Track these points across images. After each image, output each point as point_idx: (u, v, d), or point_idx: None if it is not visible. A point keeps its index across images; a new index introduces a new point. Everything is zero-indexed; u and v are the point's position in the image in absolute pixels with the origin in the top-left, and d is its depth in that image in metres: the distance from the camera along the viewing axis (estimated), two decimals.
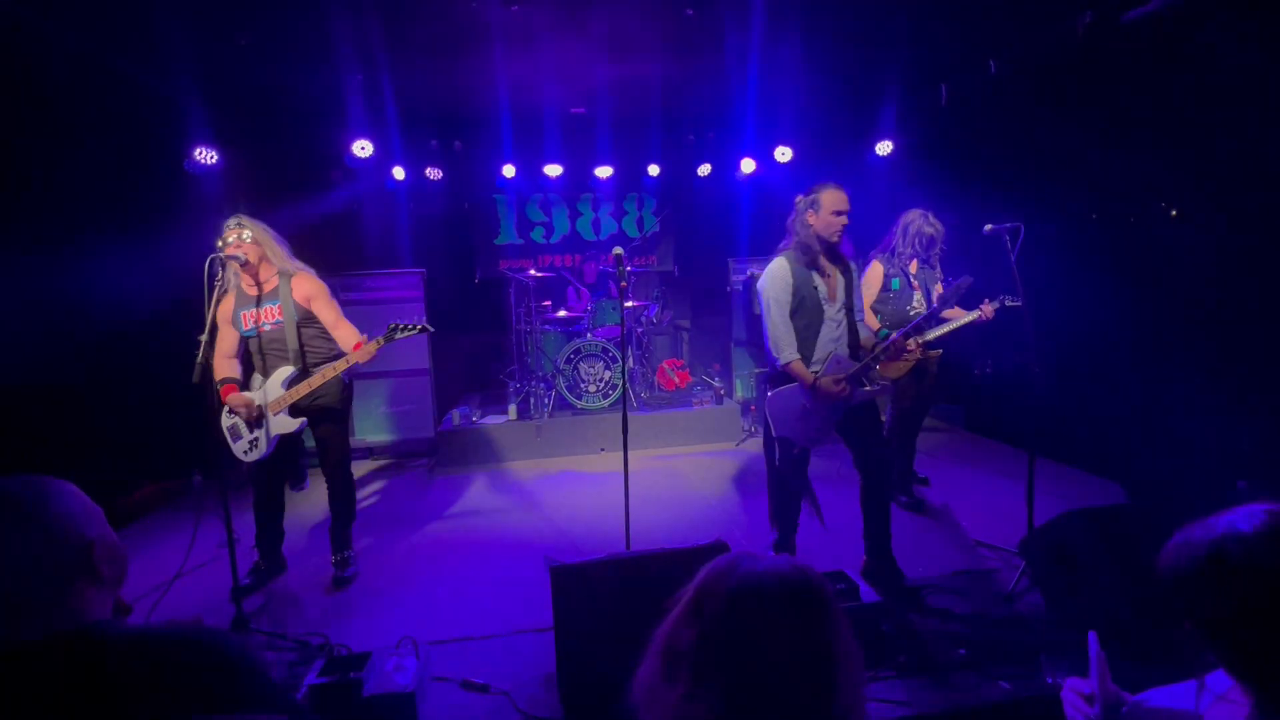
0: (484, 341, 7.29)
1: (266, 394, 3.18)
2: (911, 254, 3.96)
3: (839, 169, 6.50)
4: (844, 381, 2.91)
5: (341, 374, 3.22)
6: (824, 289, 2.96)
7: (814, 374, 2.92)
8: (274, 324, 3.20)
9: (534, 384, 5.80)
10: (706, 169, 6.90)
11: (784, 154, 6.07)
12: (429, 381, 5.83)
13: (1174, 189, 4.05)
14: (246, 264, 3.13)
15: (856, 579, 2.64)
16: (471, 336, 7.24)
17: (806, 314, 2.94)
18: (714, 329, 7.24)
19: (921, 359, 3.91)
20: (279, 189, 5.59)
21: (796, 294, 2.93)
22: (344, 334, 3.29)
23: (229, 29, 3.94)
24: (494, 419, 5.73)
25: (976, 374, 5.38)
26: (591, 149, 6.53)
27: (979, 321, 3.83)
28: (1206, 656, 0.96)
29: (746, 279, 6.10)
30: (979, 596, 2.95)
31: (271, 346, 3.22)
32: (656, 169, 6.71)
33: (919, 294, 3.95)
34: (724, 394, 6.13)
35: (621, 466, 3.22)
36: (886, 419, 4.30)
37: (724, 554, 0.92)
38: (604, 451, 5.58)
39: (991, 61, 4.62)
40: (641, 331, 6.10)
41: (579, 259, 7.30)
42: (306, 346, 3.25)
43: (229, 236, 3.12)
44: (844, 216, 2.92)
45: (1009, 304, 3.78)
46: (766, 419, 3.02)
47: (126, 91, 4.31)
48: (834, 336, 2.99)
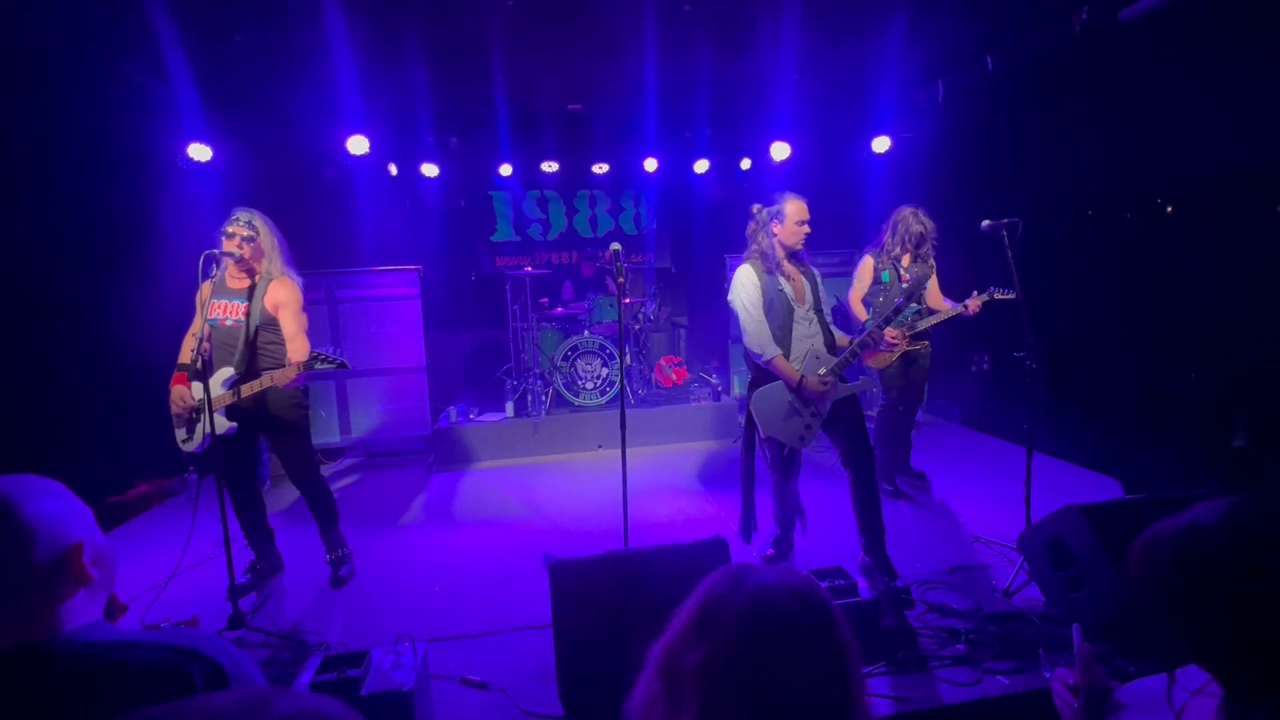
0: (481, 339, 7.28)
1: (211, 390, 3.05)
2: (901, 250, 4.05)
3: (837, 165, 6.52)
4: (828, 375, 2.98)
5: (291, 383, 3.05)
6: (791, 291, 3.06)
7: (797, 370, 3.00)
8: (235, 321, 3.13)
9: (531, 381, 5.78)
10: (704, 165, 6.89)
11: (781, 150, 6.05)
12: (425, 379, 5.82)
13: (1170, 185, 4.06)
14: (241, 260, 3.11)
15: (855, 574, 2.65)
16: (468, 334, 7.23)
17: (778, 315, 3.03)
18: (711, 326, 7.24)
19: (909, 350, 4.01)
20: (274, 185, 5.55)
21: (765, 295, 3.02)
22: (295, 348, 3.15)
23: (223, 25, 3.91)
24: (491, 416, 5.72)
25: (973, 369, 5.40)
26: (588, 145, 6.51)
27: (964, 315, 3.88)
28: (1182, 650, 0.96)
29: None
30: (976, 591, 2.96)
31: (224, 343, 3.12)
32: (654, 164, 6.68)
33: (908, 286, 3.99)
34: (721, 390, 6.12)
35: (619, 463, 3.22)
36: (877, 411, 4.37)
37: (724, 568, 0.88)
38: (601, 448, 5.58)
39: (989, 58, 4.63)
40: (639, 328, 6.09)
41: (576, 256, 7.29)
42: (260, 351, 3.15)
43: (230, 229, 3.08)
44: (806, 226, 3.07)
45: (999, 296, 3.82)
46: (752, 419, 3.08)
47: (119, 87, 4.28)
48: (808, 334, 3.09)
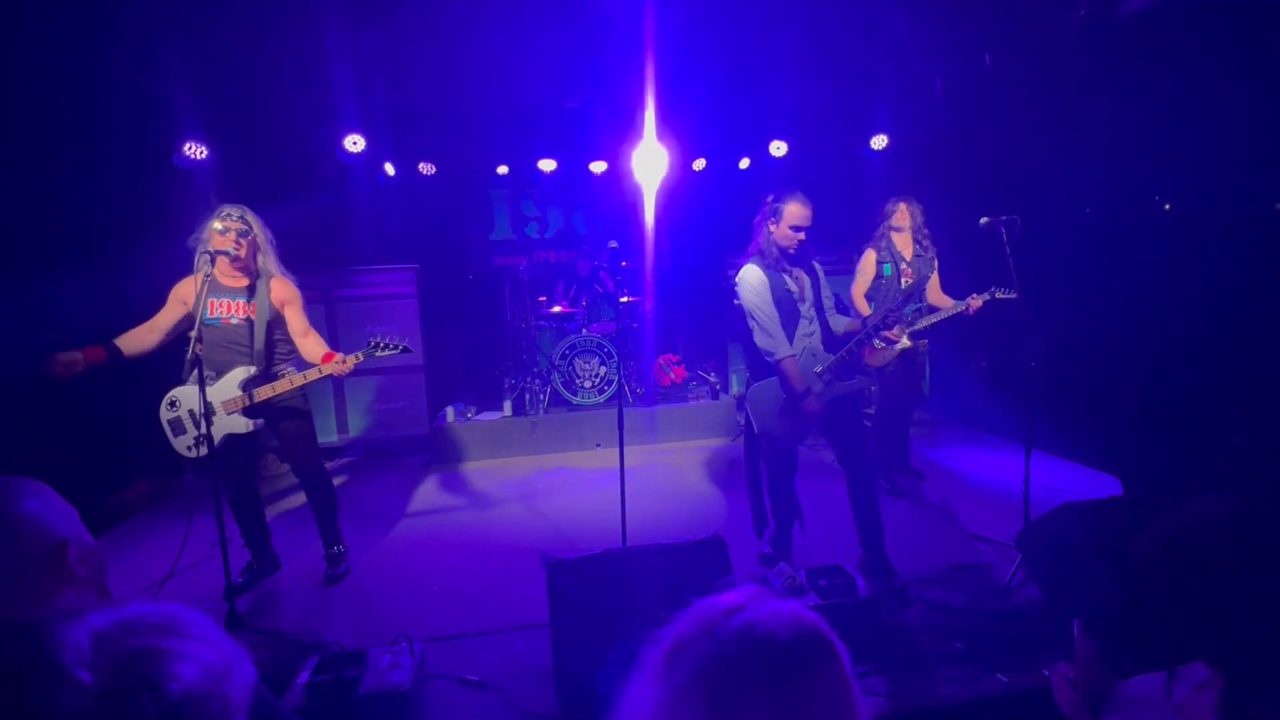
0: (479, 338, 7.25)
1: (220, 392, 3.07)
2: (886, 232, 4.14)
3: (834, 163, 6.51)
4: (825, 378, 2.99)
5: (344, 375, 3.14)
6: (794, 288, 3.06)
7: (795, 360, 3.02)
8: (241, 320, 3.13)
9: (529, 380, 5.77)
10: (701, 164, 6.88)
11: (779, 149, 6.04)
12: (423, 378, 5.80)
13: (1169, 182, 4.06)
14: (237, 258, 3.10)
15: (853, 572, 2.65)
16: (466, 333, 7.20)
17: (782, 313, 3.03)
18: (710, 324, 7.22)
19: (908, 348, 4.01)
20: (270, 184, 5.52)
21: (774, 293, 3.01)
22: (311, 344, 3.22)
23: (219, 23, 3.89)
24: (489, 415, 5.70)
25: (973, 368, 5.40)
26: (586, 143, 6.49)
27: (965, 314, 3.89)
28: (1189, 646, 0.96)
29: None
30: (975, 590, 2.96)
31: (232, 342, 3.12)
32: (654, 163, 6.64)
33: (909, 281, 4.04)
34: (719, 389, 6.11)
35: (617, 462, 3.21)
36: (875, 408, 4.37)
37: (709, 603, 0.73)
38: (600, 447, 5.57)
39: (987, 55, 4.62)
40: (637, 327, 6.08)
41: (574, 254, 7.27)
42: (274, 350, 3.20)
43: (221, 225, 3.04)
44: (802, 233, 2.99)
45: (1000, 296, 3.82)
46: (749, 415, 3.09)
47: (114, 85, 4.25)
48: (808, 333, 3.09)
